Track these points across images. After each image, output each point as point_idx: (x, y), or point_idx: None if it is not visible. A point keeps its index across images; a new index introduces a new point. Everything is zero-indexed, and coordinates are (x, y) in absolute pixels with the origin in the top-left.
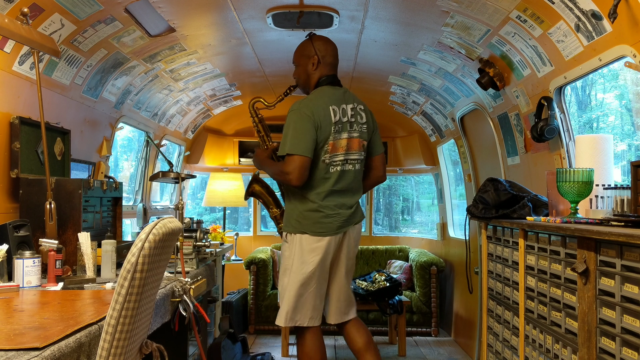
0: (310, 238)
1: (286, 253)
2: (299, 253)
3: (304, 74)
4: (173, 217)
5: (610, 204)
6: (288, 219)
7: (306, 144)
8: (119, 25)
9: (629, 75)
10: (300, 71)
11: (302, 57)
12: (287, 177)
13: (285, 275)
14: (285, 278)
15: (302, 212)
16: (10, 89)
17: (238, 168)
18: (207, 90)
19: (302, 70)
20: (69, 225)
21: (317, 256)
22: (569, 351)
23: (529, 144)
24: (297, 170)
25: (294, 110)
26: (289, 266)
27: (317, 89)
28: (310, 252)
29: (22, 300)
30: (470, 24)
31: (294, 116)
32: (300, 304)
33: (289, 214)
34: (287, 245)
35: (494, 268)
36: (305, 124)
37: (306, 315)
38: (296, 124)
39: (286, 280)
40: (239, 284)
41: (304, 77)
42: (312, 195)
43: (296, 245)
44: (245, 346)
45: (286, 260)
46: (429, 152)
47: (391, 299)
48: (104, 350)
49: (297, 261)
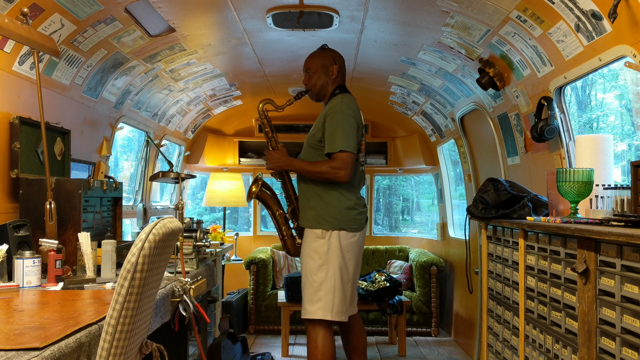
0: (348, 234)
1: (321, 249)
2: (337, 249)
3: (320, 82)
4: (173, 217)
5: (610, 204)
6: (322, 216)
7: (353, 142)
8: (119, 25)
9: (629, 75)
10: (316, 79)
11: (320, 66)
12: (339, 174)
13: (321, 271)
14: (321, 273)
15: (341, 210)
16: (10, 89)
17: (238, 168)
18: (207, 90)
19: (318, 78)
20: (69, 225)
21: (356, 251)
22: (569, 351)
23: (529, 144)
24: (349, 167)
25: (336, 111)
26: (326, 261)
27: (347, 95)
28: (349, 247)
29: (22, 300)
30: (470, 24)
31: (339, 116)
32: (343, 299)
33: (323, 212)
34: (322, 241)
35: (494, 268)
36: (351, 123)
37: (344, 310)
38: (343, 123)
39: (323, 275)
40: (239, 284)
41: (320, 85)
42: (350, 192)
43: (334, 242)
44: (245, 346)
45: (321, 255)
46: (429, 152)
47: (391, 299)
48: (104, 350)
49: (337, 257)
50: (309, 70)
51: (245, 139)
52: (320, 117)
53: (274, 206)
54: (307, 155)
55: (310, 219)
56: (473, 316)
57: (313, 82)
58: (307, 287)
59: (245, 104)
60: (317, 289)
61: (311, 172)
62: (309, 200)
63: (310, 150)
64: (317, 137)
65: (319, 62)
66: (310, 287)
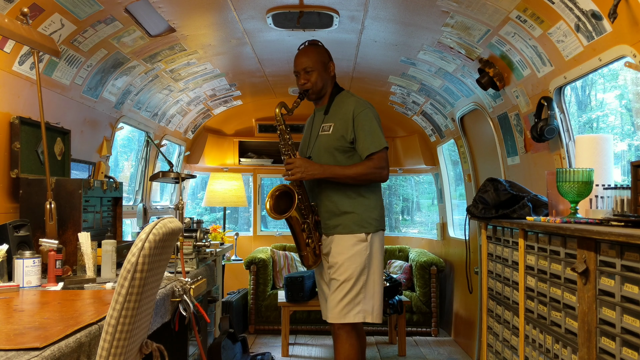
0: (382, 234)
1: (365, 252)
2: (378, 251)
3: (321, 81)
4: (173, 217)
5: (610, 204)
6: (364, 219)
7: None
8: (119, 25)
9: (629, 75)
10: (316, 77)
11: (319, 63)
12: (382, 173)
13: (363, 275)
14: (363, 277)
15: (379, 210)
16: (10, 89)
17: (238, 168)
18: (207, 90)
19: (318, 75)
20: (69, 225)
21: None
22: (569, 351)
23: (529, 144)
24: (388, 165)
25: (364, 109)
26: (368, 265)
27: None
28: (382, 247)
29: (22, 300)
30: (470, 24)
31: (370, 113)
32: (381, 299)
33: (365, 214)
34: (365, 244)
35: (493, 268)
36: (379, 120)
37: (381, 310)
38: (375, 121)
39: (364, 278)
40: (239, 284)
41: (322, 83)
42: (380, 191)
43: (375, 244)
44: (245, 346)
45: (364, 259)
46: (429, 152)
47: (391, 299)
48: (104, 350)
49: (377, 258)
50: (307, 69)
51: (245, 139)
52: (341, 119)
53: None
54: (333, 160)
55: (349, 223)
56: (473, 316)
57: (314, 81)
58: (348, 293)
59: (245, 104)
60: (358, 292)
61: (352, 176)
62: (340, 205)
63: (337, 153)
64: (348, 139)
65: (318, 58)
66: (351, 293)
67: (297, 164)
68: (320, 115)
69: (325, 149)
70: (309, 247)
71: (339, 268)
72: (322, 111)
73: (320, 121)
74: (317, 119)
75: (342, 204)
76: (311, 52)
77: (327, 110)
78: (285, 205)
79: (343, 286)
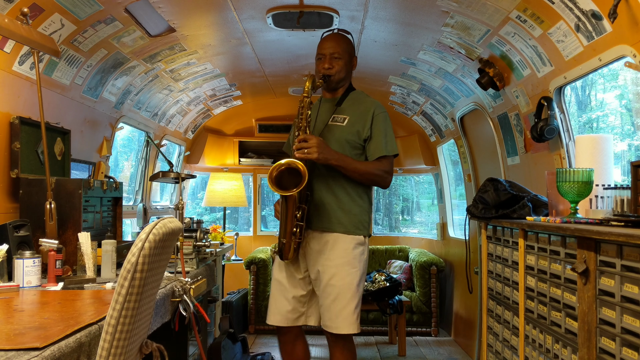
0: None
1: (362, 257)
2: (367, 256)
3: (345, 70)
4: (173, 217)
5: (610, 204)
6: (361, 222)
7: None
8: (119, 25)
9: (629, 75)
10: (342, 65)
11: (347, 53)
12: (387, 179)
13: (361, 281)
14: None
15: (371, 215)
16: (10, 89)
17: (238, 168)
18: (207, 90)
19: (344, 65)
20: (69, 225)
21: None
22: (569, 351)
23: (529, 144)
24: (392, 173)
25: (386, 112)
26: (363, 271)
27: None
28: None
29: (22, 300)
30: (470, 24)
31: (388, 118)
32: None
33: (361, 217)
34: (362, 248)
35: (493, 268)
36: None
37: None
38: (391, 127)
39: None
40: (239, 284)
41: (345, 73)
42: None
43: (366, 248)
44: (245, 346)
45: (362, 264)
46: (428, 152)
47: (391, 298)
48: (104, 350)
49: (366, 265)
50: (335, 55)
51: (245, 139)
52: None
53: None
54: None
55: (347, 224)
56: (473, 316)
57: (338, 69)
58: (350, 300)
59: (245, 104)
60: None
61: (362, 172)
62: (342, 202)
63: (347, 147)
64: (362, 136)
65: (347, 48)
66: (354, 300)
67: (314, 142)
68: (329, 105)
69: (336, 139)
70: (294, 237)
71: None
72: (332, 102)
73: (330, 111)
74: (324, 108)
75: (344, 202)
76: (342, 40)
77: (340, 102)
78: (288, 183)
79: (345, 293)
